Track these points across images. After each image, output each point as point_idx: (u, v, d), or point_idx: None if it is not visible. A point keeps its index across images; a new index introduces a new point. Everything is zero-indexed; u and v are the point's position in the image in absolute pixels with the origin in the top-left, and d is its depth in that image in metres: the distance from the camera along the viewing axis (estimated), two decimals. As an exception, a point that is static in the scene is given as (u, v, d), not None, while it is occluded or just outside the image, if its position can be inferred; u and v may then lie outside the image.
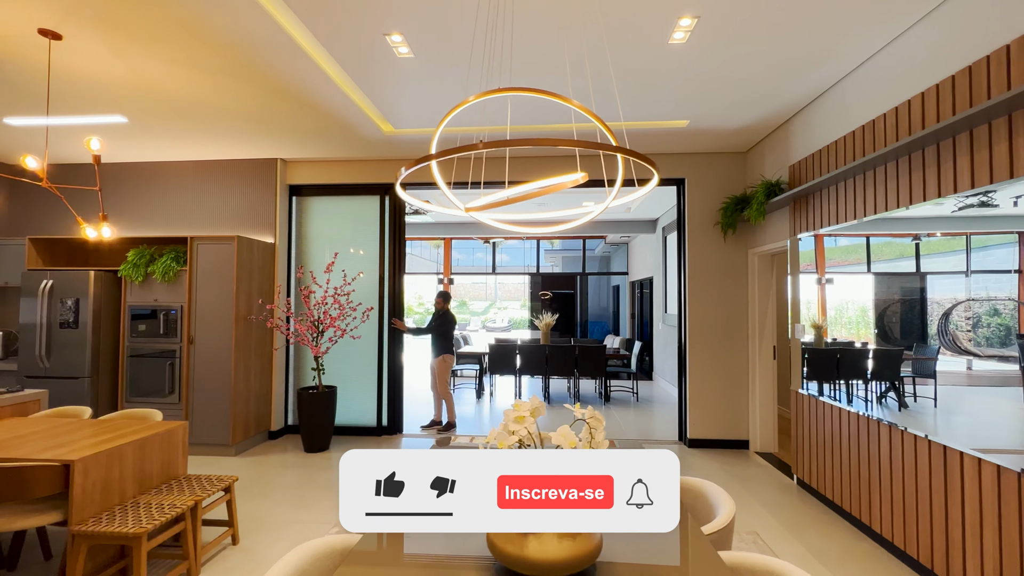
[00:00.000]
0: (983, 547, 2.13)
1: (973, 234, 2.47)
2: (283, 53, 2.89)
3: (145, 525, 2.19)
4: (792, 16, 2.51)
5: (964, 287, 2.57)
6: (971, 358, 2.54)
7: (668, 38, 2.70)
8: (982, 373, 2.49)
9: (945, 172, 2.34)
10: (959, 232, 2.56)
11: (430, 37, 2.76)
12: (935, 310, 2.75)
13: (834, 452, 3.26)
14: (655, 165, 1.29)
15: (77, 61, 2.97)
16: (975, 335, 2.51)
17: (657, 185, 1.70)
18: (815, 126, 3.53)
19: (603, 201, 1.60)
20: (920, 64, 2.50)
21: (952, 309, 2.66)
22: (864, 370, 3.21)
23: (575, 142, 1.21)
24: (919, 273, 2.86)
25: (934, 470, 2.41)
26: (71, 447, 2.34)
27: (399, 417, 5.15)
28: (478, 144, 1.16)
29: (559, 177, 1.65)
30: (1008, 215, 2.18)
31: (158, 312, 4.43)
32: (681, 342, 4.93)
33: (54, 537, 2.77)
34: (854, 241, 3.29)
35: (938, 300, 2.74)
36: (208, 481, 2.71)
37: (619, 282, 13.44)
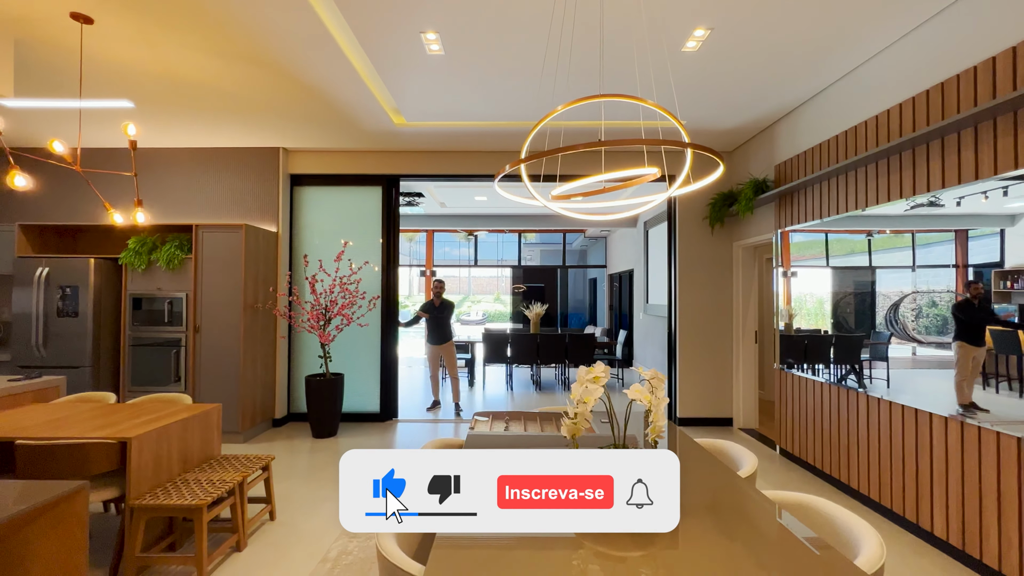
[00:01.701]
0: (943, 489, 2.52)
1: (918, 232, 2.92)
2: (314, 43, 2.97)
3: (204, 498, 2.29)
4: (794, 31, 2.81)
5: (911, 280, 3.03)
6: (916, 344, 3.00)
7: (682, 46, 2.96)
8: (924, 358, 2.95)
9: (920, 174, 2.71)
10: (905, 230, 3.00)
11: (463, 37, 2.91)
12: (884, 301, 3.21)
13: (812, 422, 3.65)
14: (722, 158, 1.53)
15: (103, 45, 2.95)
16: (918, 324, 2.96)
17: (689, 181, 1.96)
18: (800, 130, 3.90)
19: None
20: (900, 77, 2.87)
21: (900, 301, 3.10)
22: (827, 354, 3.69)
23: (661, 141, 1.42)
24: (871, 267, 3.33)
25: (905, 429, 2.80)
26: (119, 427, 2.40)
27: (395, 403, 5.29)
28: (596, 143, 1.36)
29: (639, 169, 1.87)
30: (952, 214, 2.60)
31: (162, 300, 4.39)
32: (671, 329, 5.27)
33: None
34: (814, 238, 3.72)
35: (886, 292, 3.20)
36: (247, 460, 2.80)
37: (596, 275, 13.86)
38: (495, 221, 9.84)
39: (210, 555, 2.32)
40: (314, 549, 2.58)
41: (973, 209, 2.58)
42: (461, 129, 4.49)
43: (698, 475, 1.81)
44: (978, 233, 2.64)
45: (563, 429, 1.55)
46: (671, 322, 5.28)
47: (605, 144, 1.38)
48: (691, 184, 1.76)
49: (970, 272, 2.68)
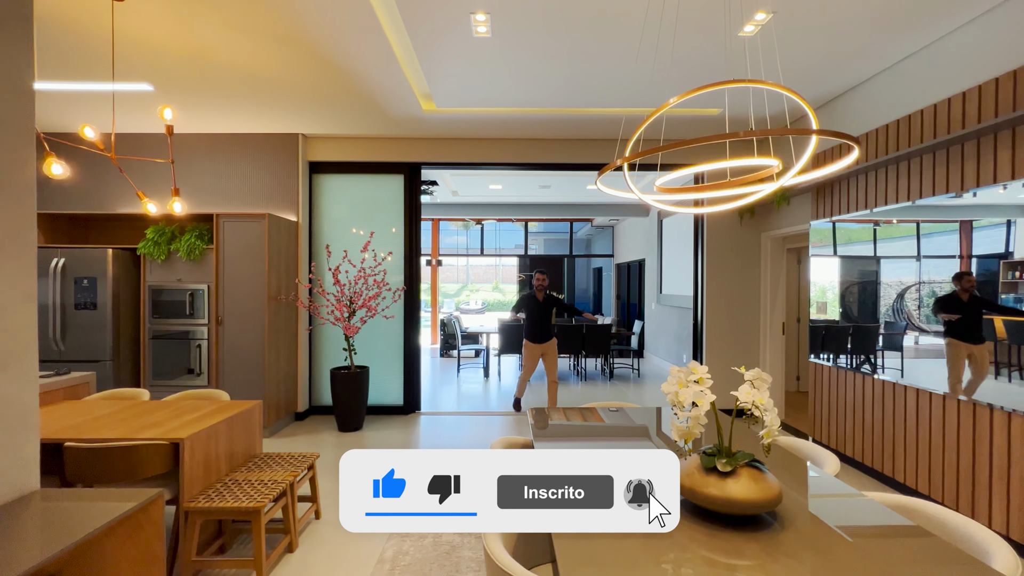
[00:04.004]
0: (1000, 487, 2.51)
1: (922, 222, 2.92)
2: (354, 22, 2.83)
3: (260, 500, 2.21)
4: (855, 15, 2.72)
5: (915, 270, 3.07)
6: (919, 333, 3.04)
7: (740, 30, 2.85)
8: (926, 346, 2.99)
9: (954, 171, 2.65)
10: (911, 220, 3.07)
11: (513, 19, 2.78)
12: (888, 292, 3.27)
13: (849, 414, 3.63)
14: (857, 141, 1.44)
15: (132, 24, 2.79)
16: (920, 313, 2.99)
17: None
18: (841, 120, 3.81)
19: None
20: (947, 70, 2.79)
21: (905, 291, 3.13)
22: (846, 343, 3.78)
23: (800, 131, 1.33)
24: (875, 257, 3.46)
25: (947, 418, 2.78)
26: (164, 427, 2.30)
27: (418, 395, 5.22)
28: (740, 133, 1.26)
29: (758, 160, 1.79)
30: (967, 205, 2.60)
31: (182, 292, 4.25)
32: (697, 320, 5.23)
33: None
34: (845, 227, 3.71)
35: (890, 283, 3.27)
36: (291, 459, 2.72)
37: (600, 264, 13.80)
38: (504, 210, 9.71)
39: (267, 557, 2.25)
40: (366, 549, 2.52)
41: (989, 200, 2.58)
42: (490, 116, 4.36)
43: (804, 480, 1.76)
44: (982, 223, 2.65)
45: (673, 433, 1.49)
46: (697, 313, 5.23)
47: (752, 134, 1.29)
48: (809, 172, 1.67)
49: (973, 264, 2.71)
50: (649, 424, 2.46)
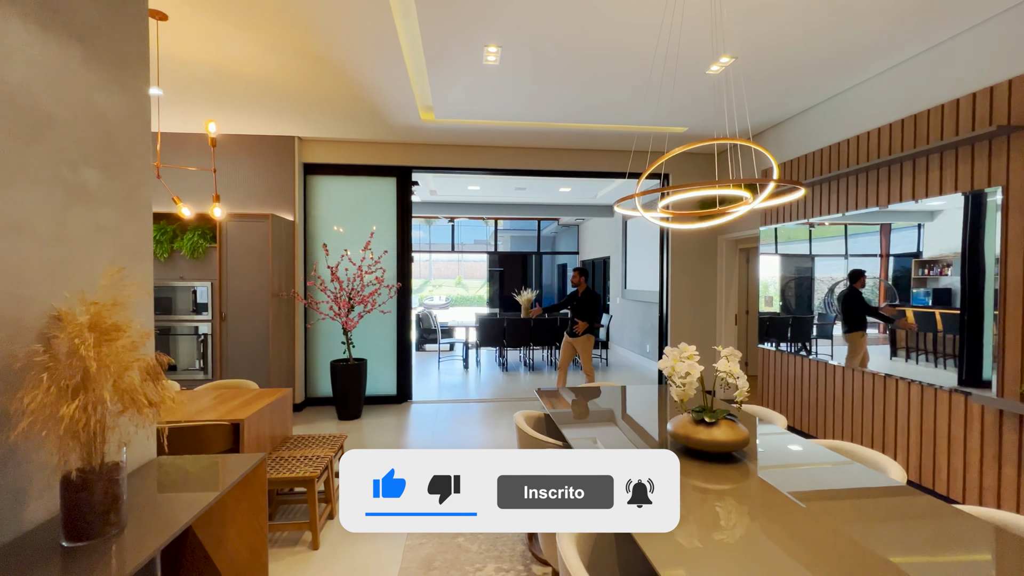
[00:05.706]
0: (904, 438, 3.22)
1: (849, 224, 3.69)
2: (379, 45, 3.13)
3: (313, 471, 2.54)
4: (796, 61, 3.33)
5: (844, 267, 3.82)
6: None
7: (707, 69, 3.40)
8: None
9: (882, 188, 3.34)
10: (839, 222, 3.83)
11: (520, 54, 3.20)
12: (821, 287, 4.06)
13: (791, 389, 4.34)
14: (805, 186, 1.98)
15: (168, 42, 2.98)
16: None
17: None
18: (787, 141, 4.49)
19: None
20: (879, 104, 3.47)
21: (835, 286, 3.89)
22: (787, 332, 4.50)
23: (782, 180, 1.83)
24: (811, 255, 4.19)
25: (875, 392, 3.49)
26: (218, 411, 2.57)
27: (410, 385, 5.56)
28: (730, 183, 1.73)
29: (734, 191, 2.28)
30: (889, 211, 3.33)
31: (185, 289, 4.39)
32: (662, 313, 5.85)
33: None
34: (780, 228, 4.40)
35: (822, 279, 4.03)
36: (322, 439, 3.04)
37: (566, 261, 14.43)
38: (479, 209, 10.08)
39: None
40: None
41: (903, 207, 3.29)
42: (484, 127, 4.75)
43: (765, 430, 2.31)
44: (899, 226, 3.37)
45: (673, 392, 1.98)
46: (662, 307, 5.86)
47: (739, 181, 1.76)
48: (769, 200, 2.21)
49: (891, 262, 3.44)
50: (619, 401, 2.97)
